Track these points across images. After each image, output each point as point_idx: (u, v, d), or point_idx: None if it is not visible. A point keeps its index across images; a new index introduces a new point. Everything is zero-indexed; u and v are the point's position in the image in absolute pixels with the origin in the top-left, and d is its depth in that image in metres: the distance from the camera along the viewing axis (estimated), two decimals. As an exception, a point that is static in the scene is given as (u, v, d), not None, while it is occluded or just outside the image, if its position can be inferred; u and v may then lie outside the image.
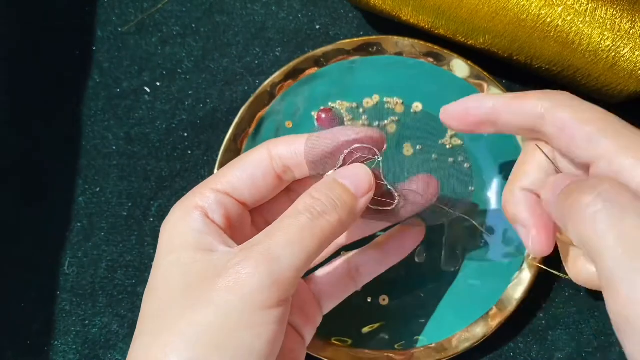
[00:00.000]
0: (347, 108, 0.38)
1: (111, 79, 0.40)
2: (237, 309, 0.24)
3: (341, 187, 0.27)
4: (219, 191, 0.28)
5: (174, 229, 0.27)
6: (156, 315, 0.25)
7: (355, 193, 0.27)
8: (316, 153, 0.28)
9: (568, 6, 0.32)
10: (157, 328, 0.25)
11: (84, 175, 0.39)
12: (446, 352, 0.35)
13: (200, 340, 0.23)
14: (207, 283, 0.24)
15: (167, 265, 0.26)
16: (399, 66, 0.38)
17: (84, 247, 0.39)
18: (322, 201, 0.26)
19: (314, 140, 0.28)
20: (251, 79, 0.40)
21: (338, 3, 0.41)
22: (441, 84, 0.37)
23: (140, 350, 0.25)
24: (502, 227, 0.36)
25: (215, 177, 0.29)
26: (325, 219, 0.25)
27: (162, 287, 0.26)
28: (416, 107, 0.38)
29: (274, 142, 0.29)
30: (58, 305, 0.38)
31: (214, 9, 0.41)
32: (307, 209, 0.26)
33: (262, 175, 0.29)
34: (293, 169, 0.29)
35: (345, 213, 0.26)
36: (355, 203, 0.27)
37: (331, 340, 0.36)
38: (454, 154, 0.37)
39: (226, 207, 0.28)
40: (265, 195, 0.29)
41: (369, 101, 0.38)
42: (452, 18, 0.34)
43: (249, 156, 0.29)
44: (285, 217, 0.26)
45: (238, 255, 0.25)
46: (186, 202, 0.28)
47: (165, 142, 0.39)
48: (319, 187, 0.27)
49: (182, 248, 0.26)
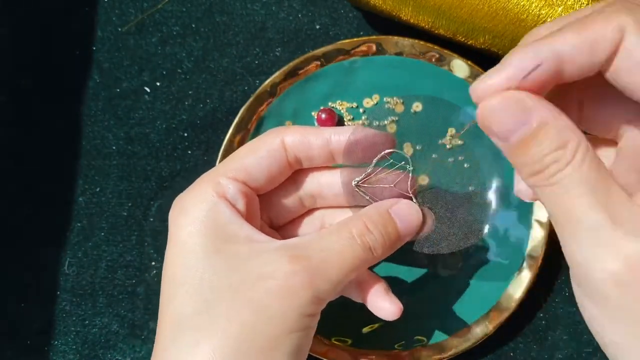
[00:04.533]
0: (347, 108, 0.38)
1: (111, 79, 0.40)
2: (284, 315, 0.24)
3: (393, 227, 0.28)
4: (237, 180, 0.28)
5: (199, 222, 0.26)
6: (198, 312, 0.25)
7: (402, 234, 0.28)
8: (357, 147, 0.29)
9: (568, 6, 0.32)
10: (201, 326, 0.24)
11: (84, 175, 0.39)
12: (446, 352, 0.35)
13: (250, 343, 0.24)
14: (250, 283, 0.25)
15: (198, 259, 0.26)
16: (399, 66, 0.38)
17: (84, 247, 0.39)
18: (374, 236, 0.27)
19: (359, 132, 0.29)
20: (251, 79, 0.40)
21: (338, 3, 0.41)
22: (441, 84, 0.37)
23: (182, 347, 0.24)
24: (502, 227, 0.36)
25: (230, 164, 0.29)
26: (372, 253, 0.27)
27: (196, 282, 0.25)
28: (416, 107, 0.38)
29: (287, 132, 0.29)
30: (58, 305, 0.38)
31: (214, 9, 0.41)
32: (361, 237, 0.26)
33: (278, 165, 0.29)
34: (303, 160, 0.30)
35: (388, 251, 0.28)
36: (398, 244, 0.28)
37: (331, 340, 0.36)
38: (454, 154, 0.37)
39: (246, 195, 0.28)
40: (276, 183, 0.30)
41: (369, 101, 0.38)
42: (452, 18, 0.34)
43: (262, 144, 0.29)
44: (339, 235, 0.26)
45: (289, 262, 0.25)
46: (206, 190, 0.27)
47: (165, 142, 0.40)
48: (374, 218, 0.27)
49: (214, 242, 0.26)
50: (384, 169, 0.29)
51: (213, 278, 0.25)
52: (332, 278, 0.25)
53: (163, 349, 0.25)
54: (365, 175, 0.29)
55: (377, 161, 0.29)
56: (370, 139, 0.29)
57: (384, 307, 0.29)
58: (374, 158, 0.29)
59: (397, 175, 0.29)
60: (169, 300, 0.26)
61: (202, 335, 0.24)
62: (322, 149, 0.29)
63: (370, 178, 0.29)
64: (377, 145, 0.29)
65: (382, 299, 0.29)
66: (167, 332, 0.25)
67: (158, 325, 0.26)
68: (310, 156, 0.29)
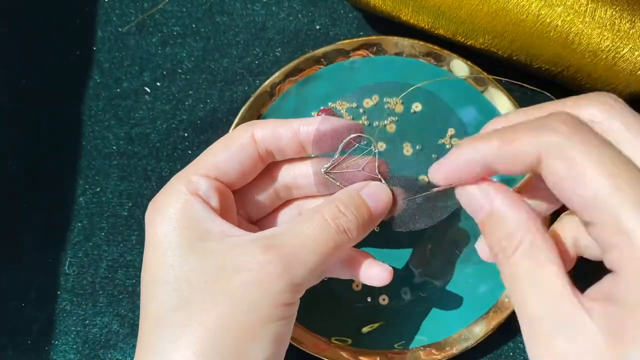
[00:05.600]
0: (347, 108, 0.38)
1: (111, 79, 0.40)
2: (261, 305, 0.24)
3: (365, 207, 0.28)
4: (209, 177, 0.28)
5: (174, 220, 0.27)
6: (175, 308, 0.25)
7: (374, 213, 0.28)
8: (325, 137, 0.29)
9: (568, 6, 0.32)
10: (179, 322, 0.25)
11: (84, 175, 0.39)
12: (446, 352, 0.35)
13: (227, 334, 0.24)
14: (225, 277, 0.25)
15: (175, 257, 0.26)
16: (399, 66, 0.38)
17: (84, 247, 0.39)
18: (348, 217, 0.27)
19: (326, 123, 0.29)
20: (251, 79, 0.40)
21: (338, 3, 0.41)
22: (441, 84, 0.37)
23: (162, 344, 0.25)
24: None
25: (201, 161, 0.29)
26: (347, 235, 0.27)
27: (173, 280, 0.25)
28: (416, 107, 0.38)
29: (257, 126, 0.29)
30: (58, 305, 0.38)
31: (214, 9, 0.41)
32: (334, 220, 0.26)
33: (249, 160, 0.29)
34: (275, 152, 0.30)
35: (363, 232, 0.28)
36: (372, 224, 0.28)
37: (331, 340, 0.36)
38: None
39: (219, 191, 0.28)
40: (250, 177, 0.30)
41: (369, 101, 0.38)
42: (452, 18, 0.34)
43: (233, 139, 0.29)
44: (312, 221, 0.26)
45: (262, 252, 0.25)
46: (179, 189, 0.28)
47: (165, 142, 0.40)
48: (345, 200, 0.27)
49: (189, 239, 0.26)
50: (352, 155, 0.30)
51: (189, 275, 0.25)
52: (307, 263, 0.25)
53: (144, 348, 0.25)
54: (333, 162, 0.30)
55: (343, 148, 0.29)
56: (337, 128, 0.29)
57: (374, 275, 0.29)
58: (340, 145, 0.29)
59: (365, 159, 0.30)
60: (148, 300, 0.26)
61: (180, 331, 0.24)
62: (292, 140, 0.29)
63: (340, 165, 0.30)
64: (344, 134, 0.29)
65: (371, 267, 0.30)
66: (147, 331, 0.26)
67: (139, 326, 0.26)
68: (280, 148, 0.29)
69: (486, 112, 0.37)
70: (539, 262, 0.21)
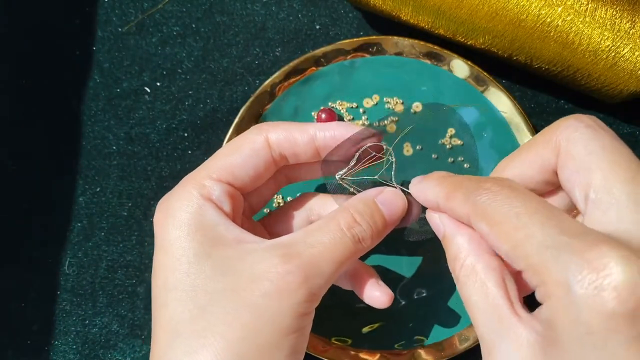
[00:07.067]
0: (347, 108, 0.38)
1: (111, 79, 0.40)
2: (282, 316, 0.24)
3: (380, 217, 0.28)
4: (222, 181, 0.28)
5: (186, 226, 0.26)
6: (193, 318, 0.24)
7: (389, 222, 0.28)
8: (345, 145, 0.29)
9: (568, 6, 0.32)
10: (198, 333, 0.24)
11: (84, 175, 0.39)
12: (446, 352, 0.35)
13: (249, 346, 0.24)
14: (244, 286, 0.24)
15: (190, 264, 0.25)
16: (399, 66, 0.38)
17: (84, 247, 0.39)
18: (363, 227, 0.27)
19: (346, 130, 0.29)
20: (251, 79, 0.40)
21: (338, 3, 0.41)
22: (441, 84, 0.37)
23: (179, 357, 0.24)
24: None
25: (214, 165, 0.28)
26: (362, 244, 0.27)
27: (188, 287, 0.25)
28: (416, 107, 0.38)
29: (271, 129, 0.29)
30: (58, 305, 0.38)
31: (214, 9, 0.41)
32: (350, 230, 0.26)
33: (264, 164, 0.29)
34: (289, 157, 0.29)
35: (376, 240, 0.28)
36: (386, 232, 0.28)
37: (331, 340, 0.36)
38: (454, 154, 0.37)
39: (232, 196, 0.28)
40: (262, 181, 0.30)
41: (369, 101, 0.38)
42: (452, 18, 0.34)
43: (246, 142, 0.29)
44: (328, 230, 0.26)
45: (282, 261, 0.25)
46: (191, 193, 0.27)
47: (165, 142, 0.40)
48: (361, 209, 0.27)
49: (203, 245, 0.26)
50: (368, 161, 0.29)
51: (206, 282, 0.25)
52: (324, 273, 0.25)
53: (161, 357, 0.25)
54: (349, 168, 0.29)
55: (359, 155, 0.29)
56: (356, 136, 0.29)
57: (375, 296, 0.29)
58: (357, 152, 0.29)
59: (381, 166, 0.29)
60: (162, 306, 0.25)
61: (201, 343, 0.24)
62: (308, 146, 0.29)
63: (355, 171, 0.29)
64: (362, 142, 0.29)
65: (373, 288, 0.30)
66: (163, 339, 0.25)
67: (153, 333, 0.26)
68: (296, 153, 0.29)
69: (486, 112, 0.37)
70: (480, 283, 0.22)
